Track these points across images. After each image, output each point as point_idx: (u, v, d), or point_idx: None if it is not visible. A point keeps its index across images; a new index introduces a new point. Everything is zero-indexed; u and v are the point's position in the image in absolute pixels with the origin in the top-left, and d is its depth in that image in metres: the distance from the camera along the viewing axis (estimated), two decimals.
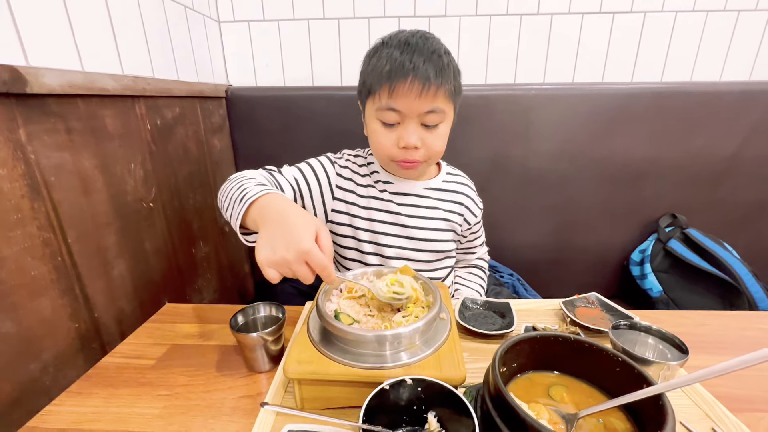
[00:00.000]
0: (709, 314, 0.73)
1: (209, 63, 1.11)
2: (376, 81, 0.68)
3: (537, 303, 0.75)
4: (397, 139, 0.70)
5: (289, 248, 0.46)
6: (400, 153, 0.71)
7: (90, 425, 0.49)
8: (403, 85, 0.65)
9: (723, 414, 0.48)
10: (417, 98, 0.65)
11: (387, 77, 0.66)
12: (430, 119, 0.69)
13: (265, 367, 0.58)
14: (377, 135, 0.72)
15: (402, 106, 0.67)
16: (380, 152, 0.74)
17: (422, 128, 0.70)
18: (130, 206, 0.75)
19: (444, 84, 0.66)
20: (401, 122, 0.69)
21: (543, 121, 1.18)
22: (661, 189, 1.25)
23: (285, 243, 0.47)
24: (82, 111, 0.64)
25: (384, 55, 0.68)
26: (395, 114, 0.68)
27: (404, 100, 0.66)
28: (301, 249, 0.46)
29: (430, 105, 0.67)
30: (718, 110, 1.15)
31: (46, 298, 0.57)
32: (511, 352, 0.46)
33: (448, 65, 0.67)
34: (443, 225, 0.83)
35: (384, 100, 0.68)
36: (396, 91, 0.66)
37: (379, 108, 0.69)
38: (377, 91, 0.68)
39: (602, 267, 1.36)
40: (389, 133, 0.71)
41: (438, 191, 0.84)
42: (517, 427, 0.38)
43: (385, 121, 0.70)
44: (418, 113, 0.68)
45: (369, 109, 0.73)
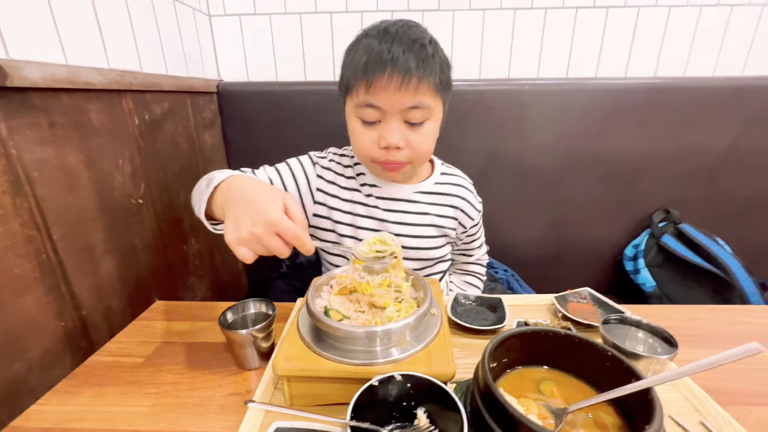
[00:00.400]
0: (700, 308, 0.73)
1: (199, 58, 1.09)
2: (353, 75, 0.62)
3: (529, 298, 0.75)
4: (378, 139, 0.65)
5: (256, 222, 0.45)
6: (382, 154, 0.66)
7: (76, 424, 0.49)
8: (381, 78, 0.59)
9: (712, 407, 0.48)
10: (397, 92, 0.60)
11: (363, 70, 0.60)
12: (413, 116, 0.63)
13: (255, 365, 0.58)
14: (357, 134, 0.67)
15: (381, 101, 0.61)
16: (361, 153, 0.69)
17: (406, 126, 0.64)
18: (118, 202, 0.74)
19: (427, 76, 0.60)
20: (382, 120, 0.64)
21: (537, 117, 1.17)
22: (655, 184, 1.25)
23: (251, 218, 0.45)
24: (66, 105, 0.63)
25: (362, 46, 0.62)
26: (375, 111, 0.63)
27: (383, 94, 0.60)
28: (268, 221, 0.44)
29: (413, 100, 0.61)
30: (712, 105, 1.15)
31: (31, 297, 0.56)
32: (501, 347, 0.46)
33: (433, 56, 0.62)
34: (434, 231, 0.78)
35: (362, 95, 0.62)
36: (374, 85, 0.60)
37: (357, 104, 0.63)
38: (354, 86, 0.62)
39: (596, 262, 1.36)
40: (369, 131, 0.65)
41: (429, 195, 0.78)
42: (505, 423, 0.37)
43: (365, 119, 0.64)
44: (400, 109, 0.62)
45: (348, 107, 0.67)
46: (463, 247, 0.89)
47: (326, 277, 0.60)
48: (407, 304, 0.54)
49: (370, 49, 0.60)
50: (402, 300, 0.56)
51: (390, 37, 0.61)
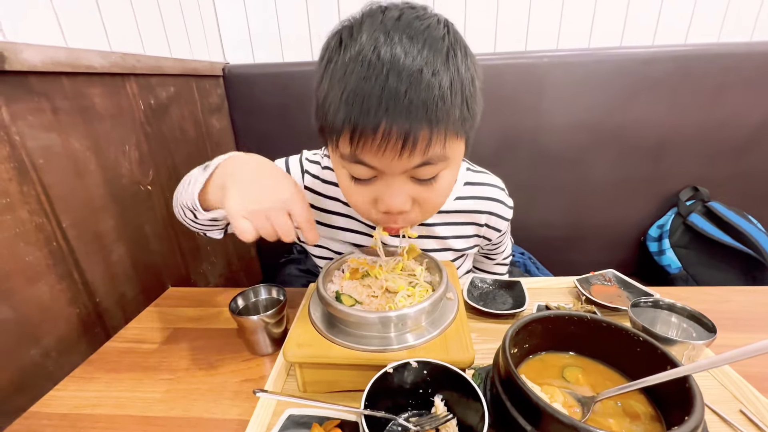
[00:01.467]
0: (734, 290, 0.68)
1: (204, 39, 1.07)
2: (331, 118, 0.41)
3: (550, 281, 0.72)
4: (374, 200, 0.47)
5: (269, 194, 0.42)
6: (383, 217, 0.48)
7: (92, 410, 0.49)
8: (372, 138, 0.39)
9: (752, 394, 0.44)
10: (397, 157, 0.40)
11: (343, 120, 0.39)
12: (423, 173, 0.44)
13: (267, 350, 0.57)
14: (347, 191, 0.49)
15: (375, 163, 0.42)
16: (356, 210, 0.52)
17: (412, 183, 0.45)
18: (127, 189, 0.73)
19: (443, 126, 0.40)
20: (379, 177, 0.45)
21: (556, 92, 1.11)
22: (683, 161, 1.18)
23: (263, 191, 0.42)
24: (68, 89, 0.61)
25: (338, 72, 0.40)
26: (367, 169, 0.43)
27: (376, 158, 0.41)
28: (283, 196, 0.42)
29: (421, 158, 0.41)
30: (748, 74, 1.07)
31: (44, 284, 0.56)
32: (522, 332, 0.43)
33: (453, 82, 0.40)
34: (450, 255, 0.68)
35: (346, 149, 0.42)
36: (363, 145, 0.40)
37: (342, 156, 0.44)
38: (335, 135, 0.42)
39: (617, 244, 1.31)
40: (363, 189, 0.46)
41: (449, 214, 0.63)
42: (528, 412, 0.35)
43: (355, 176, 0.46)
44: (403, 170, 0.43)
45: (329, 150, 0.47)
46: (485, 252, 0.78)
47: (337, 262, 0.58)
48: (421, 289, 0.52)
49: (351, 86, 0.38)
50: (416, 284, 0.54)
51: (379, 68, 0.37)
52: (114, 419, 0.47)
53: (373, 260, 0.59)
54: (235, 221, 0.41)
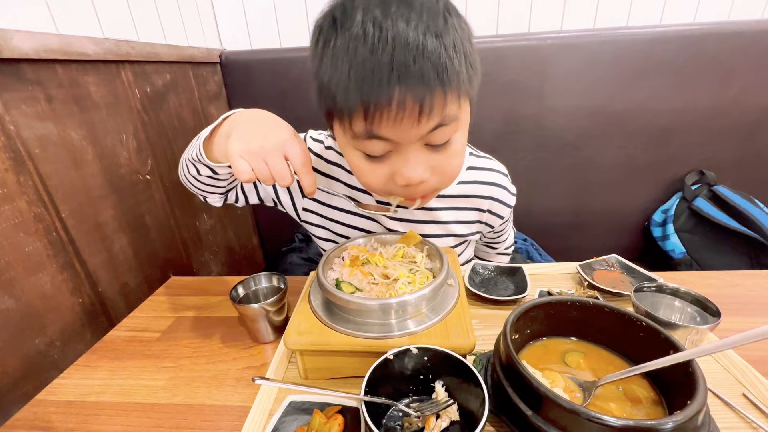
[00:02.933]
0: (740, 274, 0.68)
1: (199, 25, 1.04)
2: (340, 98, 0.41)
3: (552, 267, 0.71)
4: (392, 174, 0.47)
5: (268, 137, 0.43)
6: (401, 190, 0.49)
7: (97, 397, 0.49)
8: (388, 108, 0.39)
9: (755, 378, 0.44)
10: (416, 125, 0.41)
11: (357, 96, 0.39)
12: (437, 137, 0.44)
13: (269, 338, 0.57)
14: (361, 172, 0.49)
15: (392, 134, 0.42)
16: (371, 190, 0.53)
17: (428, 151, 0.46)
18: (126, 179, 0.73)
19: (456, 86, 0.41)
20: (394, 150, 0.45)
21: (560, 75, 1.08)
22: (689, 144, 1.16)
23: (263, 133, 0.44)
24: (61, 77, 0.60)
25: (340, 51, 0.40)
26: (382, 143, 0.44)
27: (395, 128, 0.41)
28: (281, 138, 0.43)
29: (435, 121, 0.42)
30: (759, 53, 1.04)
31: (45, 274, 0.56)
32: (523, 318, 0.43)
33: (455, 44, 0.40)
34: (451, 241, 0.67)
35: (359, 126, 0.42)
36: (379, 117, 0.40)
37: (354, 136, 0.44)
38: (346, 115, 0.42)
39: (621, 229, 1.30)
40: (379, 166, 0.47)
41: (451, 199, 0.63)
42: (529, 397, 0.35)
43: (370, 153, 0.46)
44: (419, 137, 0.44)
45: (339, 133, 0.47)
46: (487, 241, 0.78)
47: (338, 249, 0.58)
48: (422, 276, 0.52)
49: (358, 61, 0.39)
50: (417, 271, 0.53)
51: (385, 37, 0.38)
52: (118, 406, 0.48)
53: (373, 247, 0.59)
54: (233, 161, 0.43)
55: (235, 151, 0.43)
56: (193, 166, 0.55)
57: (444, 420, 0.38)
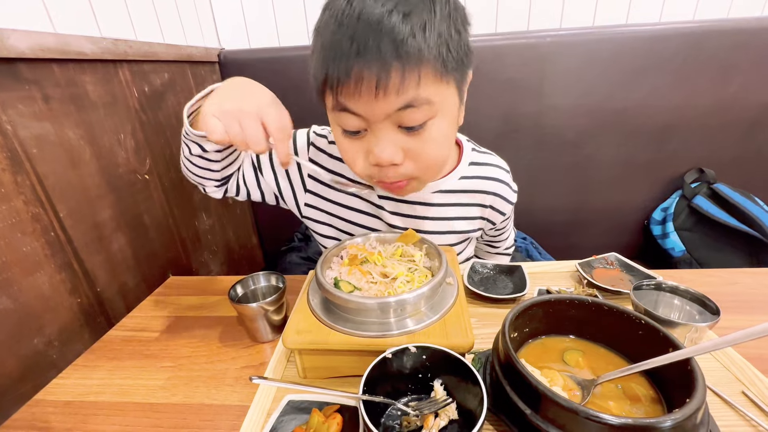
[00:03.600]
0: (740, 272, 0.67)
1: (197, 24, 1.04)
2: (315, 71, 0.45)
3: (551, 265, 0.71)
4: (366, 154, 0.48)
5: (245, 99, 0.42)
6: (376, 171, 0.49)
7: (95, 397, 0.49)
8: (347, 81, 0.41)
9: (754, 376, 0.44)
10: (373, 98, 0.42)
11: (324, 69, 0.42)
12: (408, 118, 0.44)
13: (267, 337, 0.57)
14: (341, 147, 0.51)
15: (359, 108, 0.44)
16: (352, 169, 0.53)
17: (401, 133, 0.46)
18: (124, 179, 0.73)
19: (418, 62, 0.41)
20: (368, 128, 0.46)
21: (559, 73, 1.08)
22: (689, 142, 1.15)
23: (241, 95, 0.43)
24: (58, 77, 0.60)
25: (320, 32, 0.44)
26: (355, 118, 0.45)
27: (357, 102, 0.43)
28: (260, 101, 0.42)
29: (401, 100, 0.42)
30: (758, 50, 1.03)
31: (43, 274, 0.56)
32: (522, 316, 0.43)
33: (426, 26, 0.40)
34: (453, 238, 0.66)
35: (330, 99, 0.45)
36: (342, 91, 0.42)
37: (332, 108, 0.46)
38: (319, 87, 0.45)
39: (621, 228, 1.30)
40: (355, 143, 0.48)
41: (452, 194, 0.63)
42: (528, 395, 0.35)
43: (346, 128, 0.47)
44: (386, 115, 0.44)
45: (327, 108, 0.49)
46: (488, 240, 0.77)
47: (336, 248, 0.58)
48: (420, 274, 0.52)
49: (328, 35, 0.42)
50: (415, 270, 0.53)
51: (351, 15, 0.40)
52: (117, 406, 0.48)
53: (372, 246, 0.59)
54: (206, 119, 0.42)
55: (208, 110, 0.42)
56: (185, 144, 0.54)
57: (443, 419, 0.38)
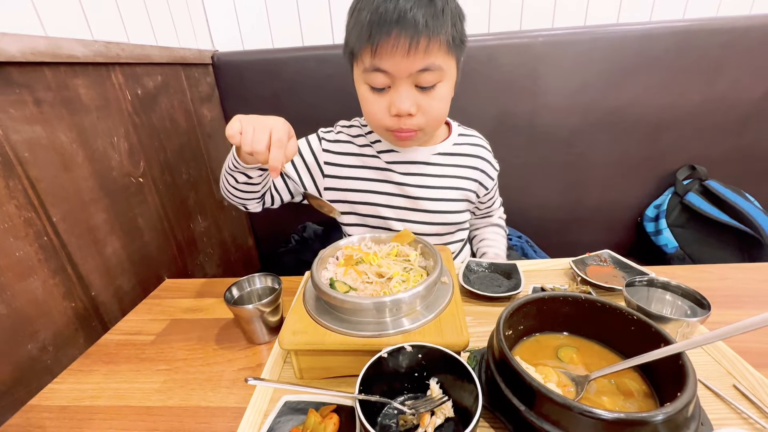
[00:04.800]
0: (731, 267, 0.68)
1: (190, 26, 1.04)
2: (358, 39, 0.59)
3: (545, 263, 0.72)
4: (389, 106, 0.62)
5: (265, 119, 0.53)
6: (394, 121, 0.63)
7: (91, 401, 0.49)
8: (387, 41, 0.55)
9: (745, 370, 0.45)
10: (405, 57, 0.56)
11: (368, 33, 0.56)
12: (424, 79, 0.59)
13: (264, 339, 0.57)
14: (367, 102, 0.64)
15: (388, 66, 0.58)
16: (372, 121, 0.67)
17: (417, 91, 0.61)
18: (118, 182, 0.72)
19: (439, 34, 0.56)
20: (392, 85, 0.60)
21: (552, 72, 1.09)
22: (680, 139, 1.16)
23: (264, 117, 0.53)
24: (50, 80, 0.60)
25: (365, 4, 0.57)
26: (383, 76, 0.59)
27: (390, 59, 0.57)
28: (273, 122, 0.52)
29: (423, 62, 0.57)
30: (747, 48, 1.05)
31: (36, 279, 0.56)
32: (517, 314, 0.43)
33: (444, 10, 0.56)
34: (456, 194, 0.76)
35: (368, 60, 0.59)
36: (380, 50, 0.56)
37: (364, 70, 0.60)
38: (359, 51, 0.59)
39: (615, 225, 1.31)
40: (379, 98, 0.62)
41: (449, 156, 0.75)
42: (522, 392, 0.35)
43: (374, 85, 0.61)
44: (409, 73, 0.58)
45: (356, 73, 0.64)
46: (484, 210, 0.88)
47: (332, 249, 0.58)
48: (416, 274, 0.52)
49: (373, 8, 0.55)
50: (411, 269, 0.53)
51: None
52: (113, 410, 0.48)
53: (367, 246, 0.59)
54: (232, 121, 0.52)
55: (237, 116, 0.53)
56: (231, 176, 0.65)
57: (439, 417, 0.39)
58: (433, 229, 0.76)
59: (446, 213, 0.75)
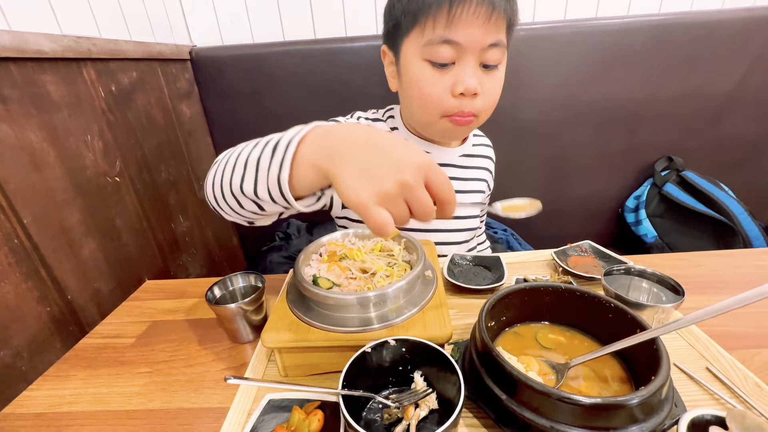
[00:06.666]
0: (705, 254, 0.71)
1: (166, 20, 1.01)
2: (423, 6, 0.53)
3: (528, 255, 0.73)
4: (452, 84, 0.55)
5: (403, 168, 0.32)
6: (455, 104, 0.57)
7: (68, 407, 0.48)
8: (468, 6, 0.50)
9: (717, 353, 0.46)
10: (483, 25, 0.52)
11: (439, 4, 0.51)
12: (491, 56, 0.55)
13: (248, 338, 0.57)
14: (422, 83, 0.57)
15: (463, 36, 0.52)
16: (429, 105, 0.59)
17: (481, 71, 0.56)
18: (92, 182, 0.70)
19: (507, 11, 0.53)
20: (457, 61, 0.55)
21: (532, 66, 1.10)
22: (658, 131, 1.19)
23: (394, 164, 0.32)
24: (16, 77, 0.57)
25: None
26: (451, 49, 0.53)
27: (467, 28, 0.52)
28: (419, 163, 0.32)
29: (494, 36, 0.53)
30: (720, 41, 1.08)
31: (7, 283, 0.54)
32: (498, 305, 0.44)
33: None
34: (477, 198, 0.74)
35: (439, 29, 0.52)
36: (457, 15, 0.51)
37: (429, 42, 0.54)
38: (427, 18, 0.53)
39: (597, 216, 1.34)
40: (441, 76, 0.56)
41: (471, 158, 0.73)
42: (503, 381, 0.36)
43: (437, 60, 0.55)
44: (481, 47, 0.53)
45: (408, 50, 0.57)
46: None
47: (315, 245, 0.57)
48: (399, 268, 0.52)
49: None
50: (395, 264, 0.53)
51: None
52: (92, 415, 0.46)
53: (351, 242, 0.59)
54: (368, 213, 0.32)
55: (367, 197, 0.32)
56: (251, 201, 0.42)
57: (423, 409, 0.39)
58: (458, 237, 0.73)
59: (471, 218, 0.74)
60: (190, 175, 1.04)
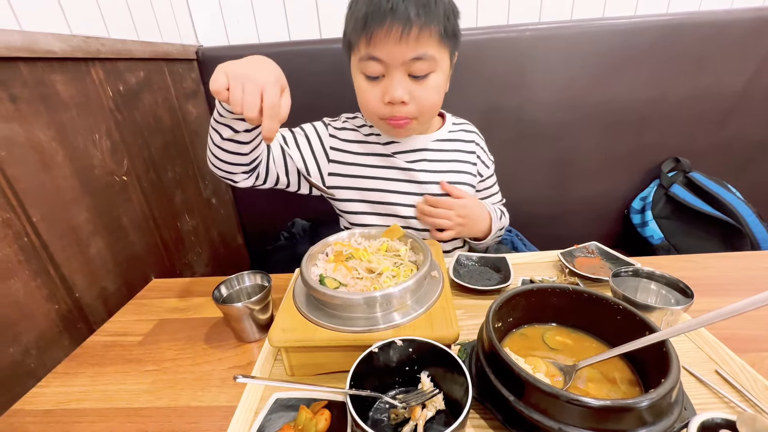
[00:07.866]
0: (713, 257, 0.70)
1: (173, 20, 1.01)
2: (354, 29, 0.62)
3: (534, 256, 0.72)
4: (382, 94, 0.64)
5: (256, 70, 0.45)
6: (387, 110, 0.65)
7: (77, 404, 0.48)
8: (380, 29, 0.58)
9: (727, 355, 0.46)
10: (397, 44, 0.59)
11: (363, 23, 0.60)
12: (417, 68, 0.62)
13: (254, 337, 0.57)
14: (362, 91, 0.67)
15: (382, 54, 0.61)
16: (367, 110, 0.69)
17: (410, 80, 0.63)
18: (100, 180, 0.71)
19: (430, 24, 0.59)
20: (386, 74, 0.63)
21: (539, 66, 1.09)
22: (665, 132, 1.18)
23: (254, 66, 0.46)
24: (26, 76, 0.58)
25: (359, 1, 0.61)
26: (377, 64, 0.62)
27: (383, 47, 0.60)
28: (266, 77, 0.45)
29: (414, 51, 0.60)
30: (729, 41, 1.06)
31: (17, 281, 0.54)
32: (506, 306, 0.44)
33: (437, 2, 0.60)
34: (459, 177, 0.78)
35: (363, 49, 0.62)
36: (374, 38, 0.59)
37: (360, 59, 0.63)
38: (356, 41, 0.62)
39: (602, 217, 1.33)
40: (374, 87, 0.65)
41: (447, 142, 0.79)
42: (511, 383, 0.36)
43: (368, 74, 0.64)
44: (402, 61, 0.61)
45: (353, 63, 0.67)
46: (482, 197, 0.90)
47: (321, 245, 0.58)
48: (406, 268, 0.52)
49: (368, 0, 0.59)
50: (401, 264, 0.53)
51: None
52: (100, 412, 0.47)
53: (357, 242, 0.59)
54: (216, 72, 0.45)
55: (221, 67, 0.46)
56: (215, 131, 0.60)
57: (430, 409, 0.39)
58: None
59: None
60: (196, 174, 1.04)
